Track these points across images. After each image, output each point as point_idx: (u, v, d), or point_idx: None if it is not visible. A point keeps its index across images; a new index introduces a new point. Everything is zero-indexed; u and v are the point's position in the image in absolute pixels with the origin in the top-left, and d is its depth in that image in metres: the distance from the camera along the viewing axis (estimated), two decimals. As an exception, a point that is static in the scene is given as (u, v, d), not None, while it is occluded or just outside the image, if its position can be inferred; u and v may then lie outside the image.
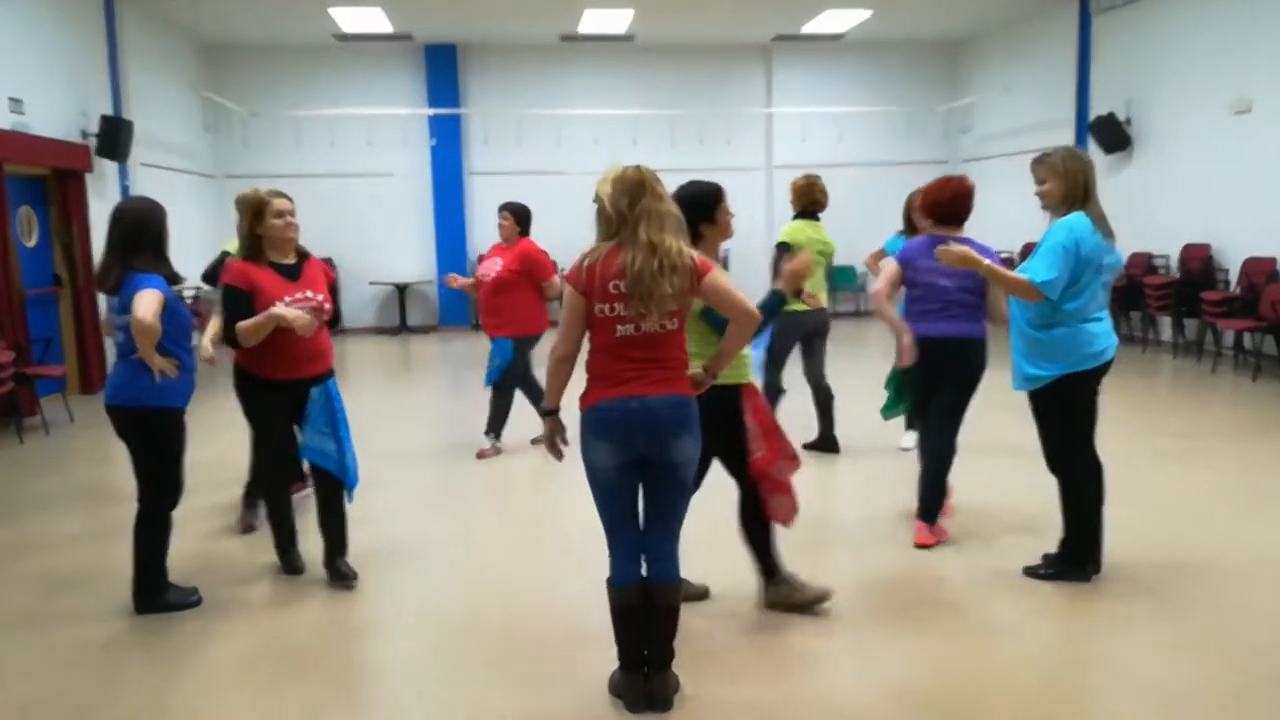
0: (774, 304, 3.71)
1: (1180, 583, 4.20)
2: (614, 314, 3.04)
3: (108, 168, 10.56)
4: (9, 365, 7.29)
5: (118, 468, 7.04)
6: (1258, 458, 6.35)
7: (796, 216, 6.49)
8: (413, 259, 14.94)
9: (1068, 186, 4.03)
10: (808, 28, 13.86)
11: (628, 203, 3.09)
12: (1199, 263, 10.20)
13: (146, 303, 3.85)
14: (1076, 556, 4.22)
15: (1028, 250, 13.56)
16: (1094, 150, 11.98)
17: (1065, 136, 12.69)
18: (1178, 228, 10.68)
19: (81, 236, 9.62)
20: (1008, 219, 14.09)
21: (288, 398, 4.27)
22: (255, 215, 4.17)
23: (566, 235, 6.92)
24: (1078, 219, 3.97)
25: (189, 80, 13.40)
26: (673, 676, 3.25)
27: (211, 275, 5.95)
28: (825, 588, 3.95)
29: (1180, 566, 4.40)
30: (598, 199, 3.15)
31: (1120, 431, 7.18)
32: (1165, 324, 10.86)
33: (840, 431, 6.53)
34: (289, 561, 4.50)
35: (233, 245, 5.89)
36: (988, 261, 4.03)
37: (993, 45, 14.63)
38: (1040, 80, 13.34)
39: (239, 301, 4.12)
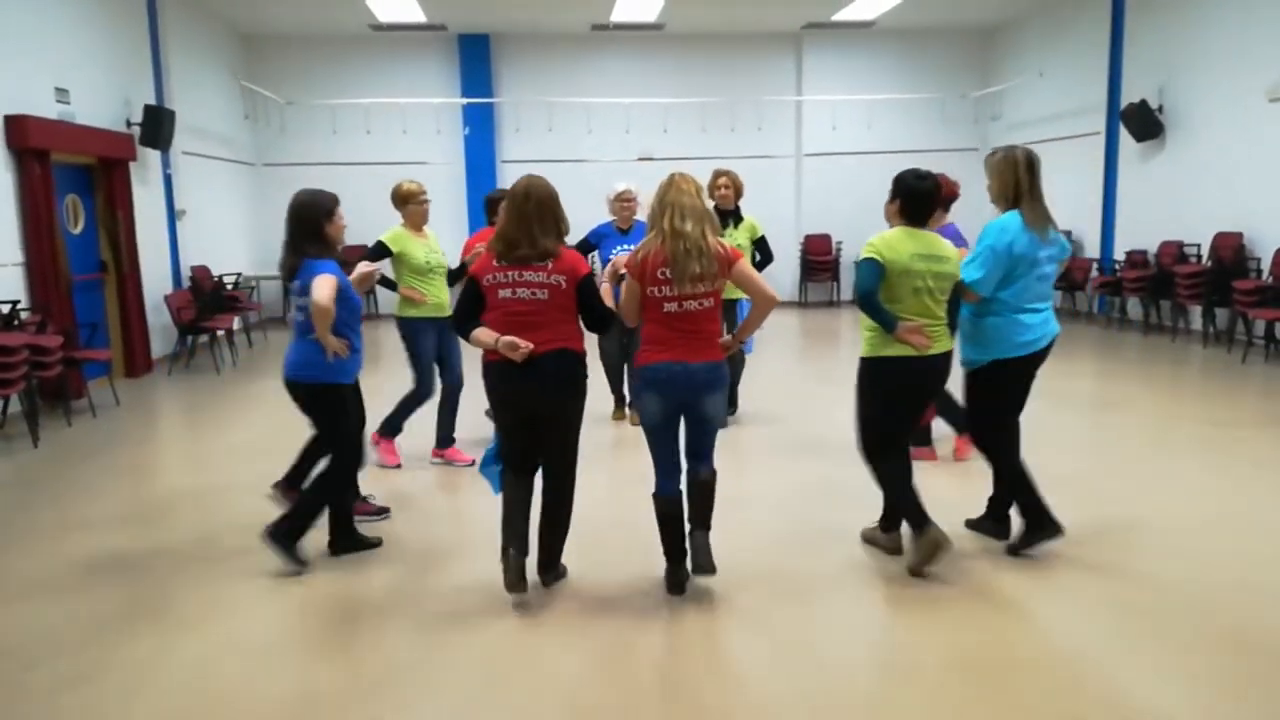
0: None
1: (1212, 573, 4.24)
2: (661, 295, 3.81)
3: (151, 156, 10.81)
4: (57, 349, 7.45)
5: (162, 450, 7.34)
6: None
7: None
8: (446, 246, 15.05)
9: (1000, 185, 4.32)
10: (838, 15, 13.86)
11: (657, 200, 3.89)
12: (1231, 251, 10.14)
13: (323, 288, 4.16)
14: (1001, 514, 4.60)
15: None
16: (1125, 138, 11.93)
17: (1096, 124, 12.66)
18: (1209, 216, 10.62)
19: (126, 223, 9.86)
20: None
21: None
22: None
23: (597, 223, 7.03)
24: (1010, 219, 4.24)
25: (228, 69, 13.66)
26: (707, 539, 4.00)
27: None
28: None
29: (1213, 555, 4.45)
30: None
31: (1151, 420, 7.25)
32: (1195, 313, 10.81)
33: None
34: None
35: (388, 235, 6.02)
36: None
37: (1024, 31, 14.55)
38: (1072, 67, 13.27)
39: None
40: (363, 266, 4.75)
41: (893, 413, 4.23)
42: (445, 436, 6.29)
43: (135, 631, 3.85)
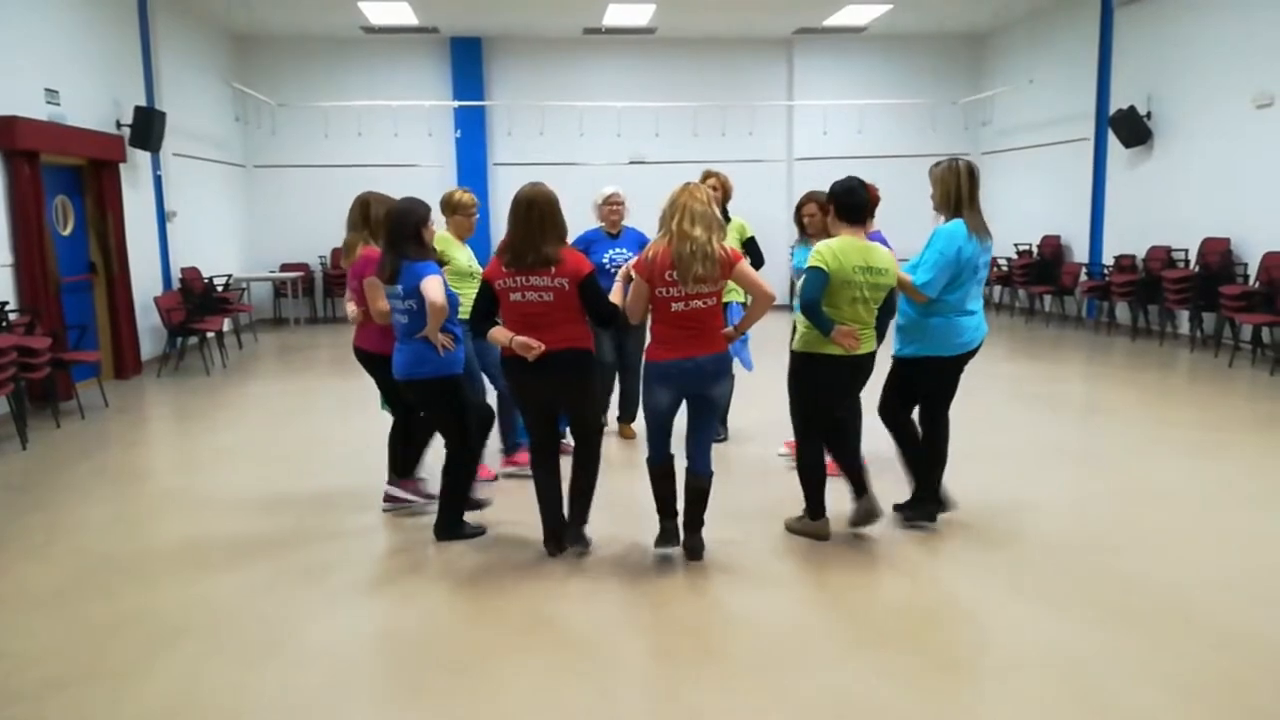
0: None
1: (1193, 573, 4.28)
2: (668, 295, 4.14)
3: (140, 158, 10.78)
4: (45, 351, 7.42)
5: (151, 452, 7.30)
6: (1275, 450, 6.40)
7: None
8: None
9: (942, 194, 4.65)
10: (829, 20, 13.91)
11: (669, 203, 4.19)
12: (1218, 256, 10.20)
13: (436, 287, 4.43)
14: (926, 496, 4.88)
15: (1046, 242, 13.59)
16: (1113, 144, 12.00)
17: (1085, 130, 12.74)
18: (1197, 221, 10.68)
19: (116, 225, 9.83)
20: (1026, 211, 14.18)
21: None
22: None
23: (587, 227, 7.03)
24: (957, 226, 4.53)
25: (220, 71, 13.63)
26: (700, 538, 4.50)
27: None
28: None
29: (1197, 560, 4.48)
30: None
31: (1138, 420, 7.30)
32: (1183, 317, 10.88)
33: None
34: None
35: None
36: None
37: (1014, 38, 14.63)
38: (1061, 73, 13.34)
39: None
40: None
41: (818, 402, 4.61)
42: (510, 444, 6.08)
43: (123, 634, 3.84)
